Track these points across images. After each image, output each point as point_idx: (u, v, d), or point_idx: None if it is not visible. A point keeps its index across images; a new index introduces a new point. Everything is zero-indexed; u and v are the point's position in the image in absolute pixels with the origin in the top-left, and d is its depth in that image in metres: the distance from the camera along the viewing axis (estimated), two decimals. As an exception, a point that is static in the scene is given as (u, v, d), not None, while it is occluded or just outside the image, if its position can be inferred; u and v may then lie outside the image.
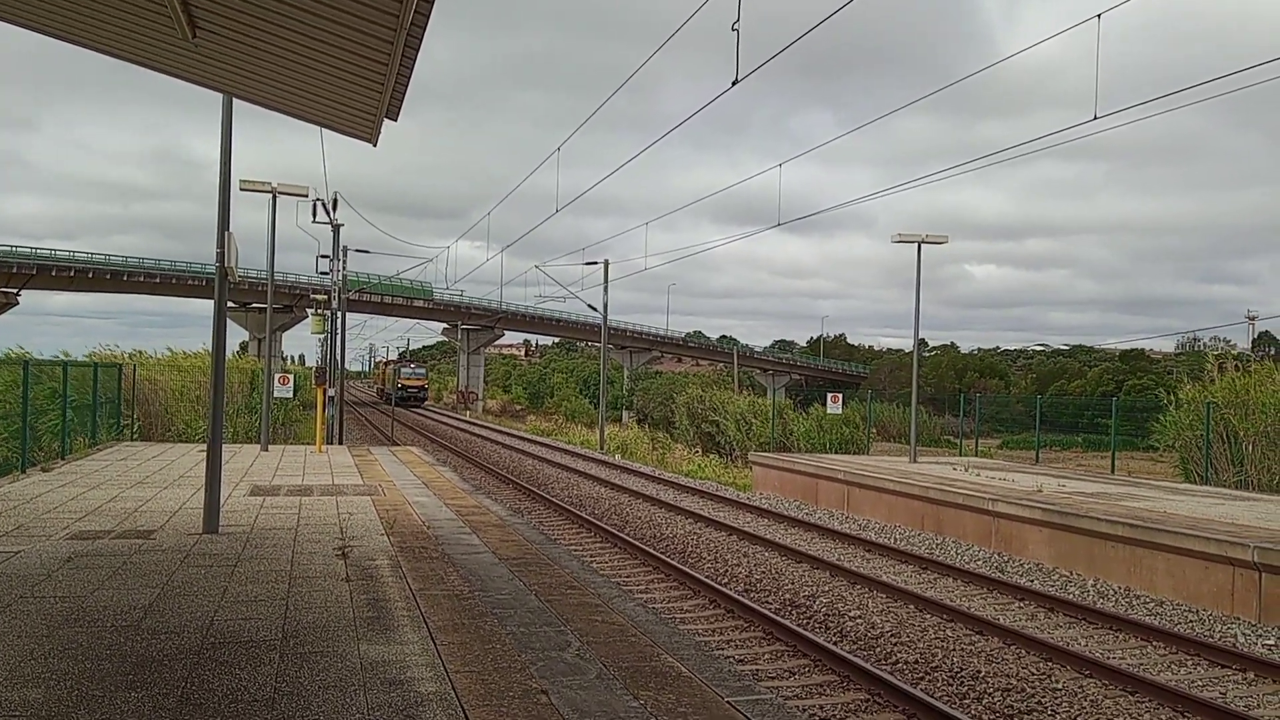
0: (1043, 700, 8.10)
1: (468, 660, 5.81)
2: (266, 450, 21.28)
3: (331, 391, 27.09)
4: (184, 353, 32.35)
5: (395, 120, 8.37)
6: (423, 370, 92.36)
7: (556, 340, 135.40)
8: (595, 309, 41.20)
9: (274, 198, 21.29)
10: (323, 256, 31.43)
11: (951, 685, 8.51)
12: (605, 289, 39.90)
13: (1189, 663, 9.47)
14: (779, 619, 10.11)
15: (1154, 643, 10.07)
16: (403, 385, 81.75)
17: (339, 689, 5.21)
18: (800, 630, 9.67)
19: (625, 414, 75.63)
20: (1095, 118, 13.63)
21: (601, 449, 37.85)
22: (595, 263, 40.54)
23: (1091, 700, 8.13)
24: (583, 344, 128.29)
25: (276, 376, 23.67)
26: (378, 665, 5.65)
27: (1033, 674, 8.81)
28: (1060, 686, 8.46)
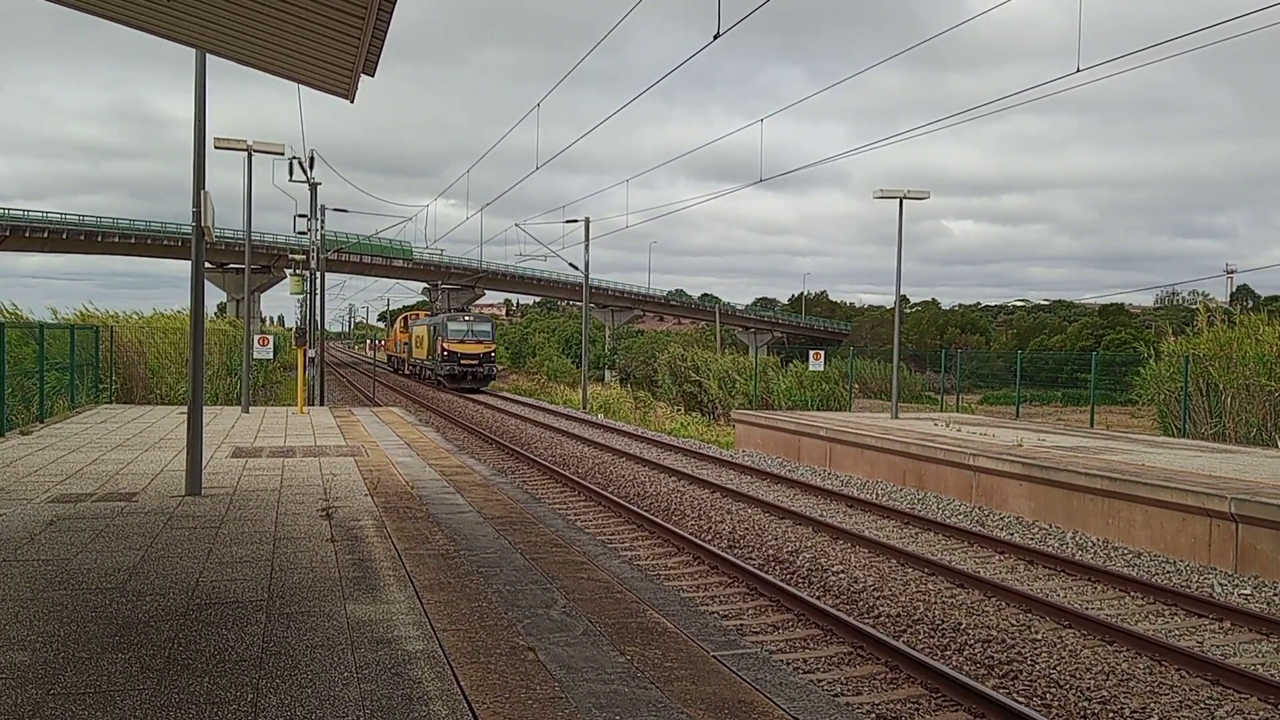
0: (1022, 651, 8.22)
1: (454, 618, 5.82)
2: (247, 412, 21.18)
3: (312, 353, 26.92)
4: (160, 314, 32.02)
5: (372, 76, 8.24)
6: (487, 327, 49.24)
7: (537, 300, 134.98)
8: (576, 267, 40.99)
9: (249, 156, 20.98)
10: (300, 216, 31.18)
11: (933, 637, 8.63)
12: (586, 247, 39.71)
13: (1166, 613, 9.62)
14: (763, 574, 10.18)
15: (1132, 593, 10.23)
16: (449, 351, 45.80)
17: (326, 648, 5.21)
18: (784, 585, 9.76)
19: (608, 373, 75.67)
20: (1078, 70, 13.54)
21: (584, 408, 37.88)
22: (575, 220, 40.25)
23: (1070, 650, 8.26)
24: (564, 303, 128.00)
25: (256, 338, 23.49)
26: (365, 624, 5.66)
27: (1012, 625, 8.94)
28: (1040, 637, 8.59)
